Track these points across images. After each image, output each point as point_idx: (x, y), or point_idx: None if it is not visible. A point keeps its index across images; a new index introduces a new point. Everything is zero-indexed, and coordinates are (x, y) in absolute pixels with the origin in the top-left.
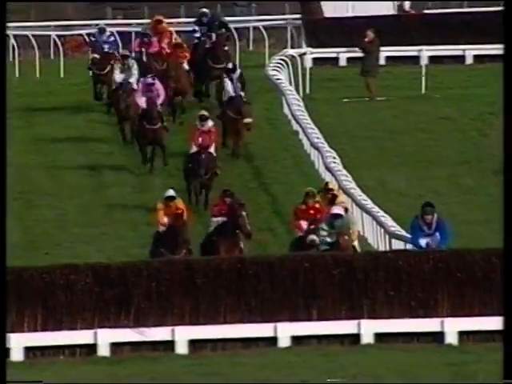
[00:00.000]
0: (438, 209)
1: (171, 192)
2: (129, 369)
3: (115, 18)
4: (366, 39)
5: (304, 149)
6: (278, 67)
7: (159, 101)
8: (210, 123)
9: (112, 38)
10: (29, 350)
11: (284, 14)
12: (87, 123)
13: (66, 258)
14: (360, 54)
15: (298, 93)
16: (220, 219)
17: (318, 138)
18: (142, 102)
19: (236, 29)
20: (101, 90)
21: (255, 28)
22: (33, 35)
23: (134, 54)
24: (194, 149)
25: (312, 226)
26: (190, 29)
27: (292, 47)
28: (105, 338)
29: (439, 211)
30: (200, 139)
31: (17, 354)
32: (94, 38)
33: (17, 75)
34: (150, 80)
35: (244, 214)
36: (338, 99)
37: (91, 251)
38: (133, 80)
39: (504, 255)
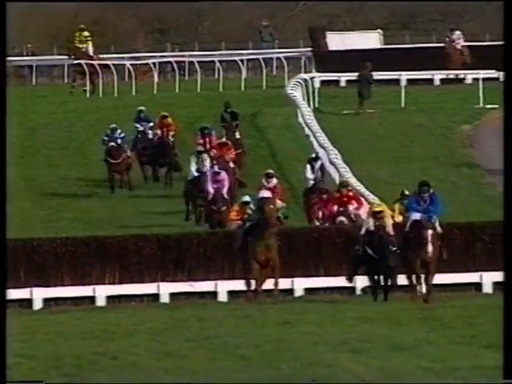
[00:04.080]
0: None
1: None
2: (182, 313)
3: (173, 51)
4: (367, 69)
5: (314, 148)
6: (294, 87)
7: (225, 189)
8: (275, 181)
9: (122, 135)
10: (109, 298)
11: (299, 47)
12: None
13: (137, 230)
14: (355, 78)
15: (309, 106)
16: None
17: (324, 140)
18: (210, 189)
19: (263, 59)
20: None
21: (277, 58)
22: (113, 64)
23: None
24: None
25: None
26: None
27: (305, 72)
28: (165, 289)
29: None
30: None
31: (100, 301)
32: (108, 137)
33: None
34: (217, 170)
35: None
36: (340, 111)
37: (155, 225)
38: (206, 170)
39: (504, 255)
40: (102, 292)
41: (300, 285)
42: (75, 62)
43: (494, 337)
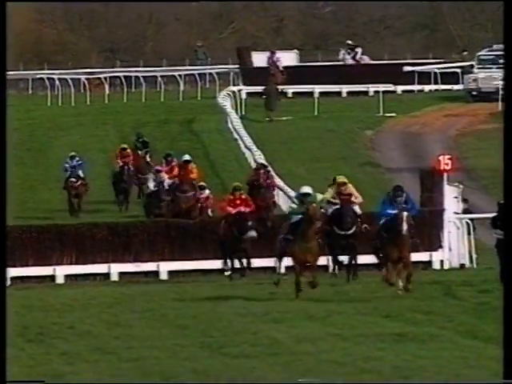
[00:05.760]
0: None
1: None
2: (129, 289)
3: (121, 67)
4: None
5: (241, 149)
6: (225, 98)
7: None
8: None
9: (80, 162)
10: (67, 277)
11: (228, 64)
12: None
13: (90, 218)
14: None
15: (237, 114)
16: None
17: (249, 142)
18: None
19: (198, 74)
20: (73, 202)
21: (210, 73)
22: (71, 78)
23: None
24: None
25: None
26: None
27: (233, 85)
28: (115, 269)
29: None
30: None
31: (59, 279)
32: (68, 164)
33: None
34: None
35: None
36: (263, 118)
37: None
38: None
39: (504, 254)
40: (60, 271)
41: (230, 265)
42: None
43: (392, 308)
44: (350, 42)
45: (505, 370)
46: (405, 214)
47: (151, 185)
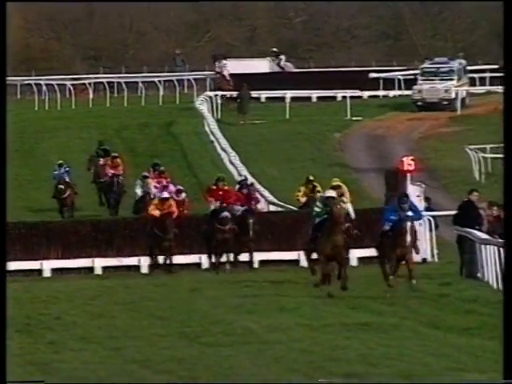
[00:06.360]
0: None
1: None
2: (112, 282)
3: (105, 73)
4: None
5: (217, 151)
6: (202, 102)
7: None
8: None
9: (67, 169)
10: (53, 270)
11: (205, 71)
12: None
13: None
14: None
15: (213, 117)
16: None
17: (225, 144)
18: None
19: (177, 80)
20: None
21: (188, 79)
22: (57, 84)
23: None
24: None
25: (224, 204)
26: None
27: (210, 91)
28: (98, 263)
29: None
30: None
31: (46, 273)
32: (56, 172)
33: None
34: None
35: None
36: (237, 122)
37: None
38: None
39: (505, 255)
40: (47, 265)
41: (206, 260)
42: None
43: (358, 300)
44: (274, 49)
45: (505, 370)
46: (408, 224)
47: (138, 191)
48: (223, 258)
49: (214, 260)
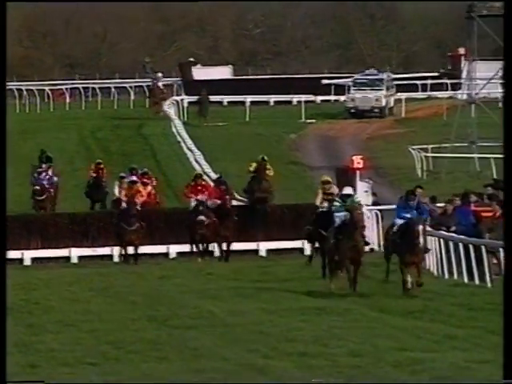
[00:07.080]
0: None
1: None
2: (87, 270)
3: (80, 79)
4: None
5: (183, 150)
6: (170, 106)
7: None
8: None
9: (47, 176)
10: (33, 259)
11: (172, 77)
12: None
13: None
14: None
15: (180, 120)
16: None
17: (191, 144)
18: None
19: (147, 85)
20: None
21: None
22: (37, 89)
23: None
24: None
25: (204, 198)
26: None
27: (177, 95)
28: (74, 253)
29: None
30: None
31: (27, 262)
32: (35, 177)
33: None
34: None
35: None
36: (202, 124)
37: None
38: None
39: (505, 255)
40: (27, 255)
41: (174, 249)
42: None
43: (312, 286)
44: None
45: (505, 370)
46: (421, 227)
47: (116, 191)
48: (205, 248)
49: (199, 249)
